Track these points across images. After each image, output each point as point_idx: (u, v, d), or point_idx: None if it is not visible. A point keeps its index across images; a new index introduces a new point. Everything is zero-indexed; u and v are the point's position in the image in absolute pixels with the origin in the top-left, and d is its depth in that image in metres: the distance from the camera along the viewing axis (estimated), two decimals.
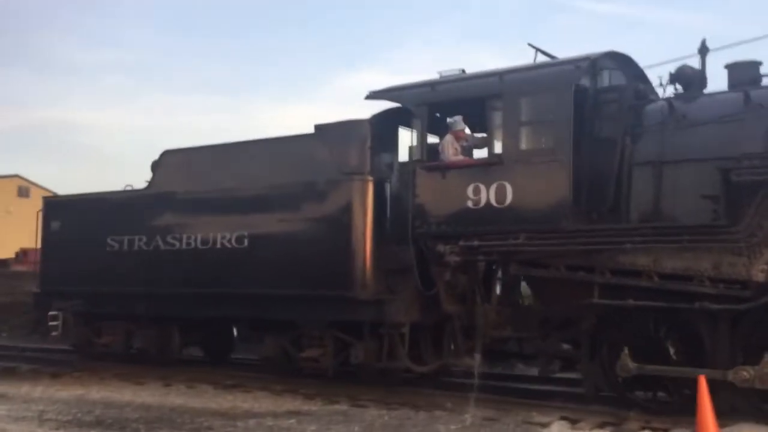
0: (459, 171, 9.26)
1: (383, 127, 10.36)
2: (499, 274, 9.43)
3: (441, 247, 9.21)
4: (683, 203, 8.13)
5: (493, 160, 8.95)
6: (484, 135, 9.34)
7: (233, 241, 11.09)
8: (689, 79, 8.74)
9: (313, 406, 9.07)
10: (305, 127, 9.86)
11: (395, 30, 45.67)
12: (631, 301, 8.17)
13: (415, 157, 9.60)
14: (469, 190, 9.08)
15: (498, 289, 9.58)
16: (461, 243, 9.12)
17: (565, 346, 9.20)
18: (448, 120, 9.55)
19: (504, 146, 8.90)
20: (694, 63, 8.91)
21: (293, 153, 10.71)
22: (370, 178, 10.01)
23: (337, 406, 9.05)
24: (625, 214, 8.45)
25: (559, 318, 9.02)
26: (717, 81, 8.82)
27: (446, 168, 9.35)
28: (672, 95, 8.80)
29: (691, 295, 7.91)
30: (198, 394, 10.16)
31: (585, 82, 8.72)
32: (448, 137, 9.50)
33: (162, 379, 11.14)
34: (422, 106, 9.57)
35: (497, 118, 8.96)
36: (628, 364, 8.12)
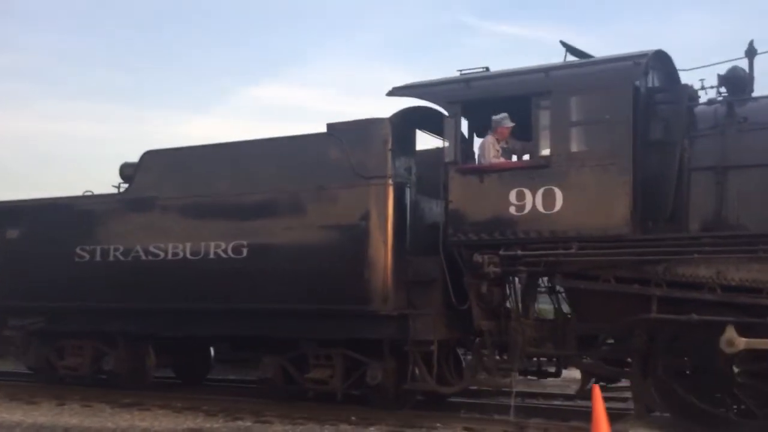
0: (500, 174, 8.52)
1: (402, 128, 9.54)
2: (541, 286, 8.70)
3: (479, 257, 8.44)
4: (749, 210, 7.64)
5: (540, 163, 8.25)
6: (527, 141, 8.63)
7: (230, 251, 10.03)
8: (740, 81, 8.30)
9: (215, 423, 8.72)
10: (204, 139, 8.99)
11: (298, 46, 45.15)
12: (694, 316, 7.60)
13: (447, 159, 8.80)
14: (512, 195, 8.35)
15: (537, 304, 8.87)
16: (502, 252, 8.37)
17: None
18: (494, 117, 8.78)
19: (553, 148, 8.21)
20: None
21: (301, 154, 9.76)
22: (391, 182, 9.16)
23: (240, 423, 8.76)
24: (684, 222, 7.90)
25: (605, 334, 8.39)
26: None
27: (485, 171, 8.60)
28: (719, 97, 8.34)
29: (757, 308, 7.39)
30: (94, 413, 9.50)
31: (637, 81, 8.14)
32: (489, 138, 8.77)
33: (56, 398, 10.39)
34: (456, 104, 8.80)
35: (544, 117, 8.28)
36: (735, 337, 7.31)
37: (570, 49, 9.08)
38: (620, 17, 48.15)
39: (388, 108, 11.18)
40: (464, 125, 9.23)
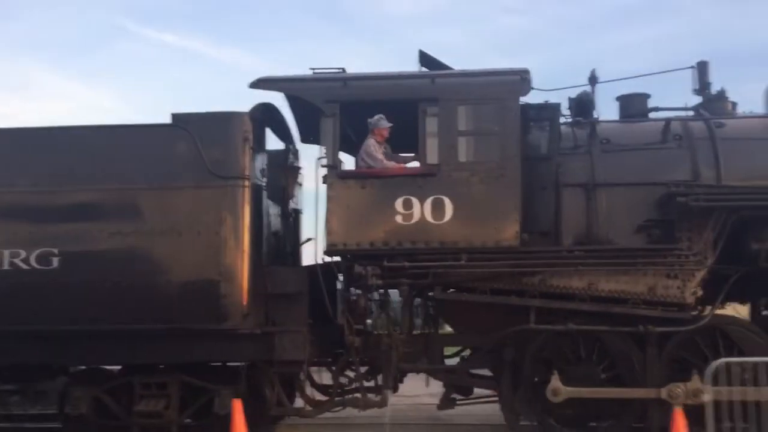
0: (383, 181, 8.08)
1: (258, 125, 8.63)
2: (417, 300, 8.42)
3: (360, 269, 7.90)
4: (616, 226, 8.20)
5: (428, 171, 7.98)
6: (411, 155, 8.35)
7: (33, 260, 8.14)
8: (587, 105, 8.92)
9: None
10: None
11: None
12: (572, 326, 7.94)
13: (325, 163, 8.12)
14: (398, 204, 7.97)
15: (417, 318, 8.56)
16: (386, 263, 7.94)
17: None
18: (370, 120, 8.30)
19: (441, 157, 8.01)
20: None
21: (138, 146, 8.29)
22: (249, 183, 8.21)
23: None
24: (558, 236, 8.22)
25: (479, 346, 8.41)
26: None
27: (367, 177, 8.10)
28: (573, 120, 8.88)
29: (620, 317, 7.96)
30: None
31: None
32: (372, 141, 8.26)
33: None
34: (335, 103, 8.17)
35: (431, 125, 8.04)
36: (559, 387, 7.80)
37: (426, 59, 8.99)
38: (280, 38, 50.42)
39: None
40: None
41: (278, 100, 8.81)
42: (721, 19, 47.63)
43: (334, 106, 8.15)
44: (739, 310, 8.81)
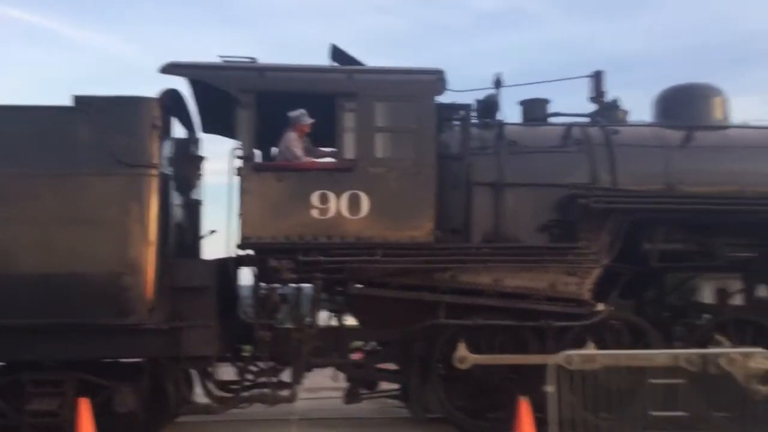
0: (300, 175, 8.01)
1: (166, 112, 8.31)
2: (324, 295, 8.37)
3: (275, 262, 7.81)
4: (521, 225, 8.54)
5: (345, 166, 7.98)
6: (333, 149, 8.31)
7: None
8: (493, 107, 9.22)
9: None
10: None
11: None
12: (479, 321, 8.22)
13: (240, 154, 7.93)
14: (315, 198, 7.93)
15: (328, 312, 8.54)
16: (301, 258, 7.88)
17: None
18: (291, 114, 8.19)
19: (358, 152, 8.03)
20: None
21: (37, 129, 7.76)
22: (156, 172, 7.90)
23: None
24: (468, 234, 8.46)
25: (388, 341, 8.54)
26: None
27: (284, 170, 8.00)
28: (481, 121, 9.13)
29: (526, 312, 8.32)
30: None
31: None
32: (293, 134, 8.14)
33: None
34: (251, 93, 8.00)
35: (349, 120, 8.04)
36: (466, 355, 8.00)
37: (337, 54, 8.99)
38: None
39: None
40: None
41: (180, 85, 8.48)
42: (582, 29, 50.51)
43: (250, 96, 7.97)
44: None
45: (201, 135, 9.41)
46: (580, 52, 46.68)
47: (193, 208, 9.46)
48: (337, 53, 8.96)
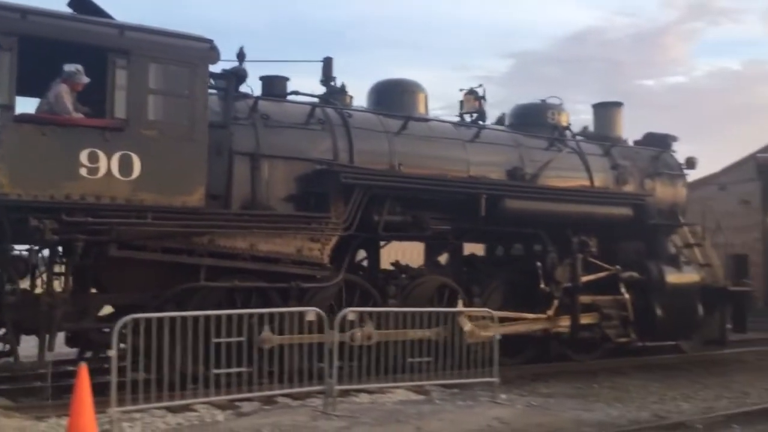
0: (67, 131, 7.51)
1: None
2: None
3: (36, 222, 7.31)
4: (275, 194, 9.19)
5: (116, 125, 7.73)
6: (87, 110, 7.88)
7: None
8: (241, 80, 9.64)
9: None
10: None
11: None
12: (237, 283, 8.71)
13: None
14: (83, 156, 7.56)
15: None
16: (65, 218, 7.49)
17: None
18: (67, 68, 7.55)
19: (129, 112, 7.83)
20: None
21: None
22: None
23: None
24: (228, 200, 8.82)
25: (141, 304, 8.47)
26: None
27: (50, 123, 7.44)
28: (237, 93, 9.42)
29: (275, 274, 9.04)
30: None
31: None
32: (64, 87, 7.52)
33: None
34: (12, 36, 7.25)
35: (121, 77, 7.77)
36: (270, 336, 8.27)
37: (77, 3, 8.50)
38: None
39: None
40: None
41: None
42: None
43: (12, 40, 7.24)
44: None
45: None
46: None
47: None
48: (78, 2, 8.40)
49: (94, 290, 8.61)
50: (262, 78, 10.11)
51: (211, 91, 8.94)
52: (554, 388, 9.50)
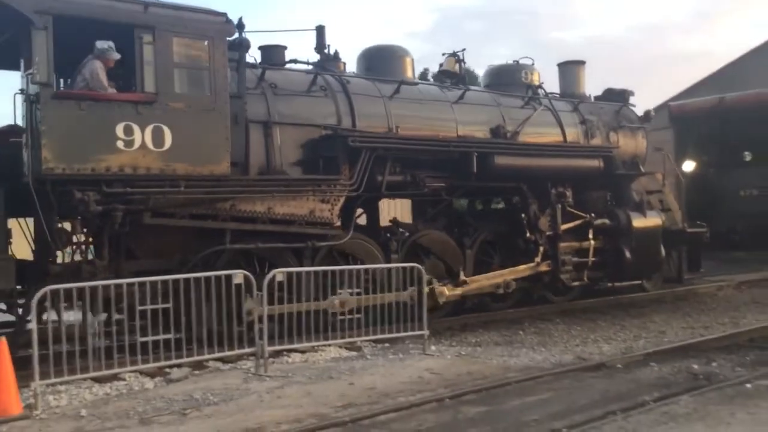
0: (104, 105, 7.84)
1: None
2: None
3: (80, 194, 7.68)
4: (288, 159, 9.70)
5: (147, 99, 8.08)
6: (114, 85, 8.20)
7: None
8: (245, 50, 9.97)
9: None
10: None
11: None
12: (260, 245, 9.25)
13: (37, 79, 7.43)
14: (119, 130, 7.93)
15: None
16: (106, 189, 7.88)
17: None
18: (100, 45, 7.82)
19: (158, 86, 8.17)
20: None
21: None
22: None
23: None
24: (247, 167, 9.28)
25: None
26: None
27: (87, 99, 7.76)
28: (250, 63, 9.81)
29: (289, 234, 9.60)
30: None
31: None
32: (98, 63, 7.81)
33: None
34: (47, 15, 7.48)
35: (148, 52, 8.11)
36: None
37: None
38: None
39: None
40: None
41: None
42: None
43: (46, 18, 7.49)
44: None
45: None
46: None
47: None
48: None
49: None
50: (261, 48, 10.49)
51: None
52: (482, 337, 9.84)
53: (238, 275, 7.68)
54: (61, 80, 8.30)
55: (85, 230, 8.29)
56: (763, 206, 20.92)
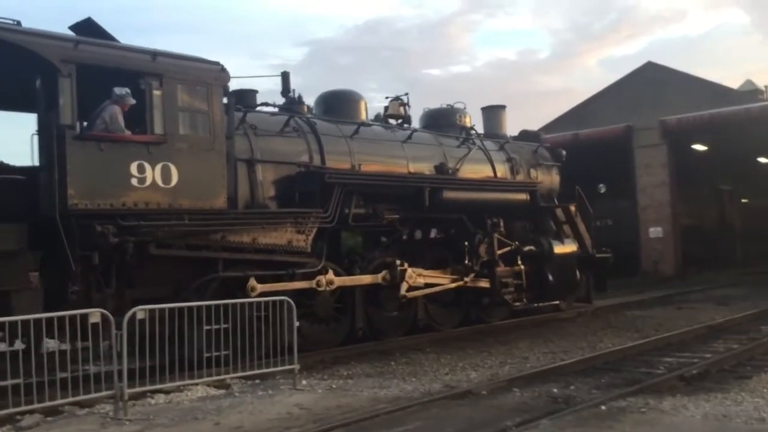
0: (120, 145, 8.55)
1: None
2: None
3: (100, 228, 8.34)
4: (269, 194, 10.62)
5: (157, 140, 8.84)
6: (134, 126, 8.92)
7: None
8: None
9: None
10: None
11: None
12: (249, 272, 10.08)
13: (63, 122, 8.07)
14: (134, 168, 8.65)
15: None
16: (121, 222, 8.55)
17: None
18: (118, 91, 8.51)
19: (166, 128, 8.93)
20: None
21: None
22: None
23: None
24: (236, 201, 10.10)
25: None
26: None
27: (105, 140, 8.45)
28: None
29: (270, 262, 10.50)
30: None
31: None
32: (117, 108, 8.50)
33: None
34: (71, 63, 8.17)
35: (157, 98, 8.89)
36: (255, 285, 9.84)
37: (86, 27, 9.41)
38: None
39: None
40: None
41: None
42: None
43: (71, 67, 8.17)
44: None
45: None
46: None
47: None
48: (86, 26, 9.31)
49: None
50: (234, 92, 11.34)
51: None
52: (354, 369, 9.74)
53: (95, 314, 7.25)
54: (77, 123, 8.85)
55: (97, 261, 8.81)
56: (618, 235, 23.26)
